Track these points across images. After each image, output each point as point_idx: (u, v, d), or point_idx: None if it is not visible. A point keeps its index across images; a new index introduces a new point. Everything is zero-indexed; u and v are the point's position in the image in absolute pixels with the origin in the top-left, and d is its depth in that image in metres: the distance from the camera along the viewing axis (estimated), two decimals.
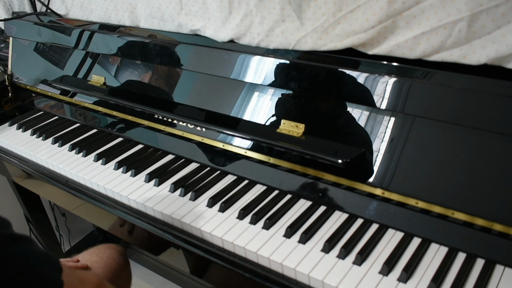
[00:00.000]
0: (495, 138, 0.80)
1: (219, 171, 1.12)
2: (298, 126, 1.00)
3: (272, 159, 1.04)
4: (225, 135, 1.12)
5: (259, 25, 1.05)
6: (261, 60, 1.07)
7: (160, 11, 1.26)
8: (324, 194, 0.97)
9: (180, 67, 1.23)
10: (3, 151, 1.43)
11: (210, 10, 1.14)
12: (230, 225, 0.95)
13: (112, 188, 1.11)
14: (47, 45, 1.57)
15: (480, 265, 0.79)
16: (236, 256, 0.90)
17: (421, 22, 0.85)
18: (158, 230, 1.01)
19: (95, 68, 1.43)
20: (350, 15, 0.91)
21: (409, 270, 0.78)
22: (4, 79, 1.66)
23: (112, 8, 1.39)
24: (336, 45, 0.95)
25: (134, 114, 1.31)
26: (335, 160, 0.91)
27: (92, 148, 1.29)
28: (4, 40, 1.81)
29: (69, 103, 1.51)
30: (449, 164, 0.84)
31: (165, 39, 1.27)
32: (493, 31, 0.78)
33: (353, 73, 0.93)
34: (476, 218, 0.81)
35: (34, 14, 1.65)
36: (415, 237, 0.86)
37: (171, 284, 2.01)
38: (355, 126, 0.95)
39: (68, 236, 2.18)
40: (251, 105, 1.09)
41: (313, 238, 0.89)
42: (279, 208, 0.97)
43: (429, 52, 0.86)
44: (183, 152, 1.20)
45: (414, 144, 0.87)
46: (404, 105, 0.88)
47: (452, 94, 0.83)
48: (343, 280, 0.79)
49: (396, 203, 0.89)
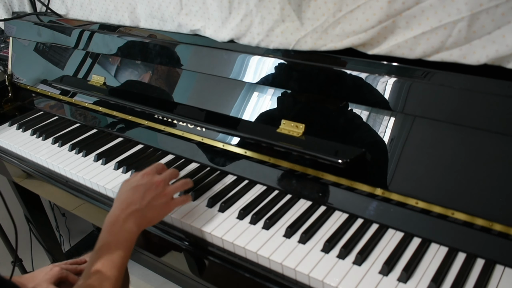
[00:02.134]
0: (495, 138, 0.80)
1: (219, 171, 1.13)
2: (298, 126, 1.00)
3: (272, 159, 1.04)
4: (225, 135, 1.12)
5: (259, 25, 1.05)
6: (261, 60, 1.07)
7: (160, 11, 1.26)
8: (324, 194, 0.97)
9: (180, 67, 1.23)
10: (3, 151, 1.43)
11: (210, 10, 1.14)
12: (230, 225, 0.95)
13: (112, 188, 1.11)
14: (47, 45, 1.57)
15: (480, 265, 0.79)
16: (236, 256, 0.90)
17: (421, 22, 0.85)
18: (158, 230, 1.01)
19: (95, 68, 1.43)
20: (350, 15, 0.91)
21: (409, 270, 0.78)
22: (4, 79, 1.66)
23: (112, 8, 1.39)
24: (336, 45, 0.95)
25: (134, 114, 1.32)
26: (335, 160, 0.91)
27: (92, 148, 1.29)
28: (4, 40, 1.81)
29: (69, 103, 1.51)
30: (449, 164, 0.84)
31: (165, 39, 1.27)
32: (493, 31, 0.78)
33: (353, 73, 0.93)
34: (476, 218, 0.81)
35: (34, 14, 1.65)
36: (415, 237, 0.86)
37: (171, 284, 2.02)
38: (355, 126, 0.95)
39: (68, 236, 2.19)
40: (251, 105, 1.09)
41: (313, 238, 0.89)
42: (279, 208, 0.97)
43: (429, 52, 0.86)
44: (183, 152, 1.20)
45: (414, 144, 0.87)
46: (404, 105, 0.88)
47: (452, 94, 0.83)
48: (343, 280, 0.79)
49: (396, 203, 0.89)
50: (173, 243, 1.00)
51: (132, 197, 0.89)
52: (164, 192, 0.91)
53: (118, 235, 0.85)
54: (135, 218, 0.87)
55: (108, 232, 0.85)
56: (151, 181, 0.92)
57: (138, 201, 0.88)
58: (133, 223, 0.86)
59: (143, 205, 0.88)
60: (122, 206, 0.88)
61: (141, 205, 0.88)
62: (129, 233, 0.85)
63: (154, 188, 0.90)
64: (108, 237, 0.85)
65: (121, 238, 0.85)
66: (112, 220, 0.87)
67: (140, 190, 0.90)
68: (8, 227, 1.71)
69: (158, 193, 0.90)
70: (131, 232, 0.86)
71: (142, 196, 0.89)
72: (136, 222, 0.86)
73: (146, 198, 0.89)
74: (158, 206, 0.90)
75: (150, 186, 0.90)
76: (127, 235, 0.85)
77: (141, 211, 0.87)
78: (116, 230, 0.85)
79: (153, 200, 0.89)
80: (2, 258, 1.86)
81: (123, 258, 0.83)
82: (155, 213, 0.90)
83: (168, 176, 0.94)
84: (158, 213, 0.90)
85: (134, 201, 0.88)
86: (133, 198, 0.89)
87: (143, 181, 0.92)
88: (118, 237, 0.85)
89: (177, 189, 0.94)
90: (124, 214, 0.86)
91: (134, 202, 0.88)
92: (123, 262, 0.83)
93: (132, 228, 0.86)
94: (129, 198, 0.89)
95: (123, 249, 0.84)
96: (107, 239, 0.85)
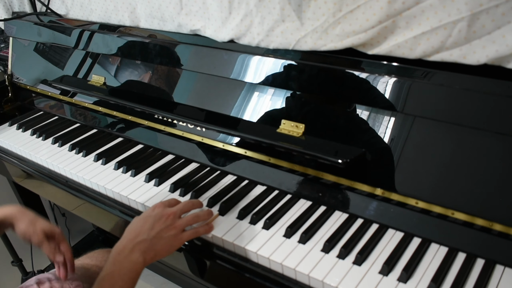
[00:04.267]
0: (495, 138, 0.80)
1: (219, 171, 1.13)
2: (298, 126, 1.00)
3: (272, 159, 1.04)
4: (225, 135, 1.12)
5: (259, 25, 1.05)
6: (261, 60, 1.07)
7: (160, 11, 1.26)
8: (324, 194, 0.97)
9: (180, 67, 1.23)
10: (3, 151, 1.43)
11: (210, 10, 1.14)
12: (230, 225, 0.95)
13: (112, 188, 1.11)
14: (47, 45, 1.57)
15: (480, 265, 0.79)
16: (236, 256, 0.90)
17: (421, 22, 0.85)
18: None
19: (95, 68, 1.43)
20: (350, 15, 0.91)
21: (409, 270, 0.78)
22: (4, 79, 1.66)
23: (112, 8, 1.39)
24: (336, 45, 0.95)
25: (134, 114, 1.32)
26: (335, 160, 0.91)
27: (92, 148, 1.29)
28: (4, 40, 1.81)
29: (69, 103, 1.51)
30: (449, 164, 0.84)
31: (165, 39, 1.27)
32: (493, 31, 0.78)
33: (353, 73, 0.93)
34: (476, 218, 0.81)
35: (34, 14, 1.65)
36: (415, 237, 0.86)
37: (171, 284, 2.02)
38: (355, 126, 0.95)
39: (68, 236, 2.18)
40: (251, 105, 1.09)
41: (313, 238, 0.89)
42: (279, 208, 0.97)
43: (429, 52, 0.86)
44: (183, 152, 1.20)
45: (414, 144, 0.87)
46: (404, 105, 0.88)
47: (452, 94, 0.83)
48: (343, 280, 0.79)
49: (396, 203, 0.89)
50: None
51: (140, 228, 0.87)
52: (174, 224, 0.88)
53: (122, 265, 0.83)
54: (142, 249, 0.84)
55: (113, 262, 0.83)
56: (161, 213, 0.89)
57: (146, 232, 0.86)
58: (139, 253, 0.84)
59: (151, 236, 0.85)
60: (130, 237, 0.86)
61: (149, 236, 0.85)
62: (134, 264, 0.83)
63: (164, 220, 0.88)
64: (111, 267, 0.83)
65: (125, 269, 0.82)
66: (118, 250, 0.84)
67: (149, 221, 0.87)
68: None
69: (167, 225, 0.88)
70: (136, 262, 0.83)
71: (151, 227, 0.87)
72: (142, 253, 0.84)
73: (155, 229, 0.86)
74: (167, 238, 0.87)
75: (160, 218, 0.88)
76: (131, 265, 0.83)
77: (148, 242, 0.85)
78: (121, 260, 0.83)
79: (162, 231, 0.87)
80: (2, 258, 1.86)
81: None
82: (164, 245, 0.87)
83: (180, 209, 0.92)
84: (167, 245, 0.87)
85: (143, 231, 0.86)
86: (141, 229, 0.87)
87: (153, 213, 0.89)
88: (122, 267, 0.82)
89: (188, 222, 0.91)
90: (131, 244, 0.84)
91: (142, 232, 0.86)
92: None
93: (138, 258, 0.83)
94: (138, 229, 0.87)
95: (127, 280, 0.82)
96: (111, 269, 0.82)
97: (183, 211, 0.92)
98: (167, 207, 0.91)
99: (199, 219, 0.93)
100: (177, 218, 0.90)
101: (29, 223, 1.02)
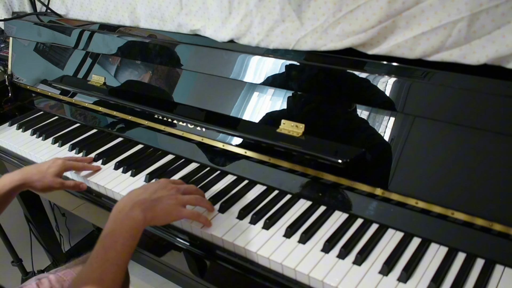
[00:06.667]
0: (495, 138, 0.80)
1: (219, 171, 1.12)
2: (298, 126, 1.00)
3: (272, 159, 1.04)
4: (225, 135, 1.12)
5: (259, 25, 1.05)
6: (261, 60, 1.07)
7: (160, 11, 1.26)
8: (324, 194, 0.97)
9: (180, 67, 1.23)
10: (3, 151, 1.43)
11: (210, 10, 1.14)
12: (230, 225, 0.95)
13: (112, 188, 1.11)
14: (47, 45, 1.57)
15: (480, 265, 0.79)
16: (236, 256, 0.90)
17: (421, 22, 0.85)
18: (158, 231, 1.01)
19: (95, 68, 1.43)
20: (350, 15, 0.91)
21: (409, 270, 0.78)
22: (4, 79, 1.66)
23: (112, 8, 1.39)
24: (336, 45, 0.95)
25: (134, 114, 1.32)
26: (335, 160, 0.91)
27: (92, 148, 1.29)
28: (4, 40, 1.81)
29: (69, 103, 1.51)
30: (449, 164, 0.84)
31: (165, 39, 1.27)
32: (493, 31, 0.78)
33: (353, 73, 0.93)
34: (476, 218, 0.81)
35: (34, 14, 1.65)
36: (415, 237, 0.86)
37: (171, 284, 2.01)
38: (355, 126, 0.95)
39: (68, 236, 2.18)
40: (251, 105, 1.09)
41: (313, 238, 0.89)
42: (279, 208, 0.97)
43: (429, 52, 0.86)
44: (183, 152, 1.20)
45: (414, 144, 0.87)
46: (404, 105, 0.88)
47: (452, 94, 0.83)
48: (343, 280, 0.79)
49: (396, 203, 0.89)
50: (173, 243, 1.00)
51: (143, 190, 0.88)
52: (176, 196, 0.90)
53: (123, 222, 0.82)
54: (142, 206, 0.84)
55: (113, 220, 0.83)
56: (166, 182, 0.92)
57: (148, 193, 0.87)
58: (139, 210, 0.83)
59: (152, 198, 0.87)
60: (131, 197, 0.86)
61: (150, 197, 0.87)
62: (134, 221, 0.82)
63: (168, 189, 0.90)
64: (112, 225, 0.82)
65: (126, 226, 0.81)
66: (118, 208, 0.84)
67: (153, 186, 0.90)
68: (8, 227, 1.72)
69: (170, 194, 0.89)
70: (136, 219, 0.82)
71: (153, 191, 0.88)
72: (142, 211, 0.83)
73: (157, 194, 0.88)
74: (167, 205, 0.87)
75: (164, 187, 0.90)
76: (132, 222, 0.82)
77: (149, 202, 0.85)
78: (121, 217, 0.82)
79: (163, 197, 0.88)
80: (2, 258, 1.86)
81: (127, 247, 0.79)
82: (162, 210, 0.86)
83: (184, 187, 0.93)
84: (166, 211, 0.87)
85: (145, 193, 0.87)
86: (144, 191, 0.88)
87: (157, 182, 0.92)
88: (123, 225, 0.81)
89: (190, 200, 0.92)
90: (131, 203, 0.84)
91: (144, 193, 0.87)
92: (127, 251, 0.80)
93: (138, 215, 0.82)
94: (140, 190, 0.89)
95: (128, 237, 0.80)
96: (112, 227, 0.81)
97: (186, 191, 0.94)
98: (171, 183, 0.94)
99: (201, 203, 0.95)
100: (180, 193, 0.92)
101: (41, 179, 1.09)
